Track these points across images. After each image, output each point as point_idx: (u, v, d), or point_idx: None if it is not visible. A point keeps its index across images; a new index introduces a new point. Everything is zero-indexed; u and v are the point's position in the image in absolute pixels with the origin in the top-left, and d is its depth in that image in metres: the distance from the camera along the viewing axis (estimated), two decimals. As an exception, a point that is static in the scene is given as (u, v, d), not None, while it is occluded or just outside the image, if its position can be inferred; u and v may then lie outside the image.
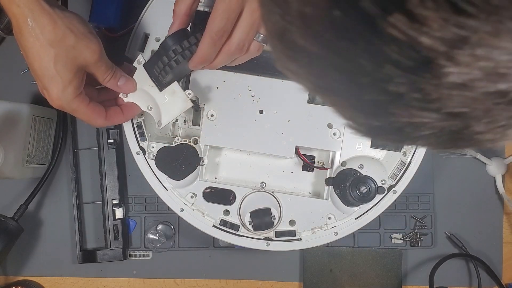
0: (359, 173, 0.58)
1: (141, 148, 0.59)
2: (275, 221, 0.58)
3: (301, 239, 0.59)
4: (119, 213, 0.67)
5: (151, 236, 0.69)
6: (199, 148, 0.58)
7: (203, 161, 0.58)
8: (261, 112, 0.59)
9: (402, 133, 0.22)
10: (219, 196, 0.59)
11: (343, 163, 0.59)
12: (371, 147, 0.59)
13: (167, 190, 0.59)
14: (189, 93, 0.53)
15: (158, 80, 0.53)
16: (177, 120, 0.60)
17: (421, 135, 0.22)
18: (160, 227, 0.69)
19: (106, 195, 0.67)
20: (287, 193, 0.59)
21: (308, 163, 0.61)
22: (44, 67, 0.45)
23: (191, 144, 0.58)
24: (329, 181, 0.59)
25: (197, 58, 0.48)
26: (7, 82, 0.69)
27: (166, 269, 0.70)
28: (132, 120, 0.58)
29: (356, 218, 0.59)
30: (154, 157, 0.57)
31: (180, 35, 0.49)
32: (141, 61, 0.53)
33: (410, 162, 0.60)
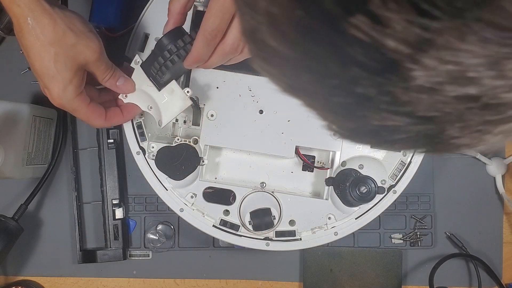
0: (359, 173, 0.58)
1: (141, 148, 0.59)
2: (275, 221, 0.58)
3: (301, 239, 0.59)
4: (119, 213, 0.67)
5: (151, 236, 0.69)
6: (199, 148, 0.58)
7: (203, 161, 0.58)
8: (261, 112, 0.59)
9: (379, 136, 0.22)
10: (219, 196, 0.59)
11: (343, 163, 0.59)
12: (371, 147, 0.59)
13: (167, 190, 0.59)
14: (188, 91, 0.53)
15: (156, 80, 0.53)
16: (177, 120, 0.60)
17: (398, 139, 0.21)
18: (160, 227, 0.69)
19: (106, 195, 0.67)
20: (287, 193, 0.59)
21: (308, 163, 0.61)
22: (45, 66, 0.45)
23: (191, 144, 0.58)
24: (329, 181, 0.59)
25: (191, 58, 0.48)
26: (7, 82, 0.69)
27: (166, 269, 0.70)
28: (132, 120, 0.58)
29: (356, 218, 0.59)
30: (154, 157, 0.57)
31: (175, 34, 0.49)
32: (138, 61, 0.53)
33: (410, 162, 0.60)
